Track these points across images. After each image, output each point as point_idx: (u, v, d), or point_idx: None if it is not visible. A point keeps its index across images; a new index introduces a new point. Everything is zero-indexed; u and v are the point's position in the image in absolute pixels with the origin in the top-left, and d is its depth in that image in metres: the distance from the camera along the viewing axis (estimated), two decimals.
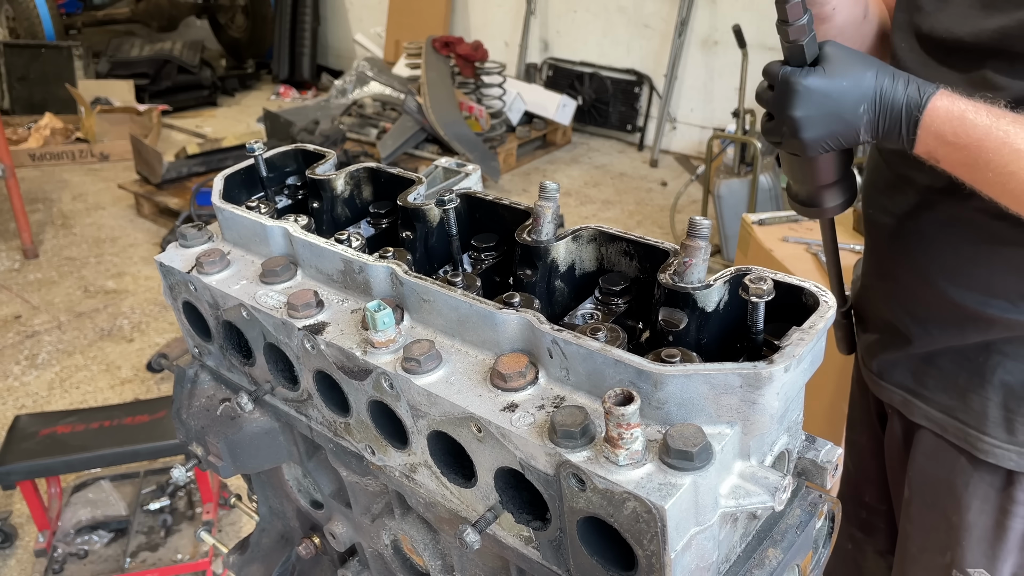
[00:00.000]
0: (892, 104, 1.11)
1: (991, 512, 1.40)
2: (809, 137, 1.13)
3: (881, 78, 1.11)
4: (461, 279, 0.92)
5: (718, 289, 0.81)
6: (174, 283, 1.13)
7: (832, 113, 1.11)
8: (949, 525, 1.45)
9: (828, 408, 2.52)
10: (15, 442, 2.71)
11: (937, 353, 1.40)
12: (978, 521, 1.41)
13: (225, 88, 8.68)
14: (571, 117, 6.99)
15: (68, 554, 2.86)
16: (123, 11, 9.70)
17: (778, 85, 1.14)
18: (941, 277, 1.34)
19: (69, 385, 3.99)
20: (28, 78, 7.52)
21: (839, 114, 1.11)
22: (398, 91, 6.64)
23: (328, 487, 1.20)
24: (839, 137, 1.14)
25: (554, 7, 7.30)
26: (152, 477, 3.16)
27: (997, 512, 1.40)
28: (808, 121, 1.12)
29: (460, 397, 0.81)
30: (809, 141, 1.14)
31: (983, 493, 1.39)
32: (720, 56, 6.45)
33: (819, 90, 1.11)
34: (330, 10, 8.91)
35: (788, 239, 2.85)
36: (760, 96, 1.20)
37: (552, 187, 0.94)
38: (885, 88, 1.11)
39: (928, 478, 1.47)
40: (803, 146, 1.15)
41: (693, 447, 0.68)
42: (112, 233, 5.59)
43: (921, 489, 1.49)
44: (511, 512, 0.83)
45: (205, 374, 1.23)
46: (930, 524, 1.49)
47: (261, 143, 1.16)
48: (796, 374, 0.74)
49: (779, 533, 0.86)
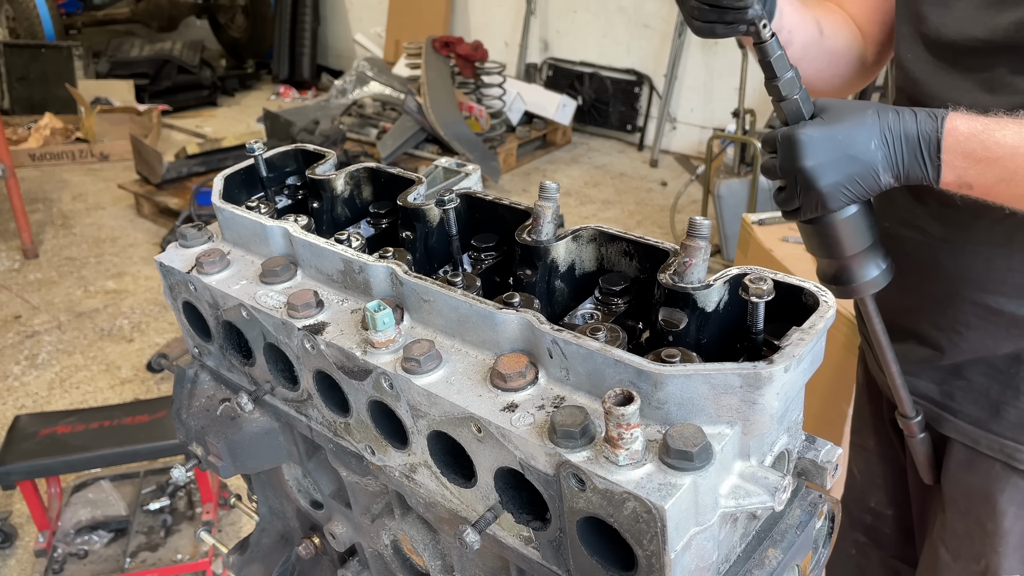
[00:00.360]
0: (906, 135, 1.06)
1: None
2: (827, 185, 1.07)
3: (884, 114, 1.07)
4: (461, 279, 0.92)
5: (718, 289, 0.81)
6: (174, 283, 1.13)
7: (844, 155, 1.06)
8: (984, 532, 1.42)
9: (828, 408, 2.52)
10: (15, 442, 2.71)
11: (965, 365, 1.37)
12: (1015, 528, 1.39)
13: (225, 88, 8.68)
14: (571, 117, 6.99)
15: (68, 554, 2.86)
16: (123, 11, 9.69)
17: (780, 145, 1.09)
18: (973, 285, 1.29)
19: (69, 385, 3.99)
20: (28, 78, 7.52)
21: (852, 155, 1.06)
22: (398, 91, 6.64)
23: (328, 487, 1.20)
24: (858, 180, 1.08)
25: (554, 7, 7.30)
26: (152, 477, 3.16)
27: None
28: (821, 169, 1.06)
29: (460, 397, 0.81)
30: (828, 189, 1.08)
31: (1020, 499, 1.37)
32: (720, 56, 6.45)
33: (825, 136, 1.06)
34: (330, 10, 8.90)
35: (788, 239, 2.85)
36: (765, 167, 1.15)
37: (552, 187, 0.94)
38: (892, 122, 1.07)
39: (961, 486, 1.44)
40: (823, 198, 1.08)
41: (693, 447, 0.68)
42: (112, 233, 5.59)
43: (954, 497, 1.46)
44: (511, 512, 0.83)
45: (205, 374, 1.23)
46: (964, 531, 1.46)
47: (261, 143, 1.16)
48: (796, 374, 0.74)
49: (779, 533, 0.86)
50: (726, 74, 6.43)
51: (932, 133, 1.05)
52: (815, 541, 0.92)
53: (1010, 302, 1.27)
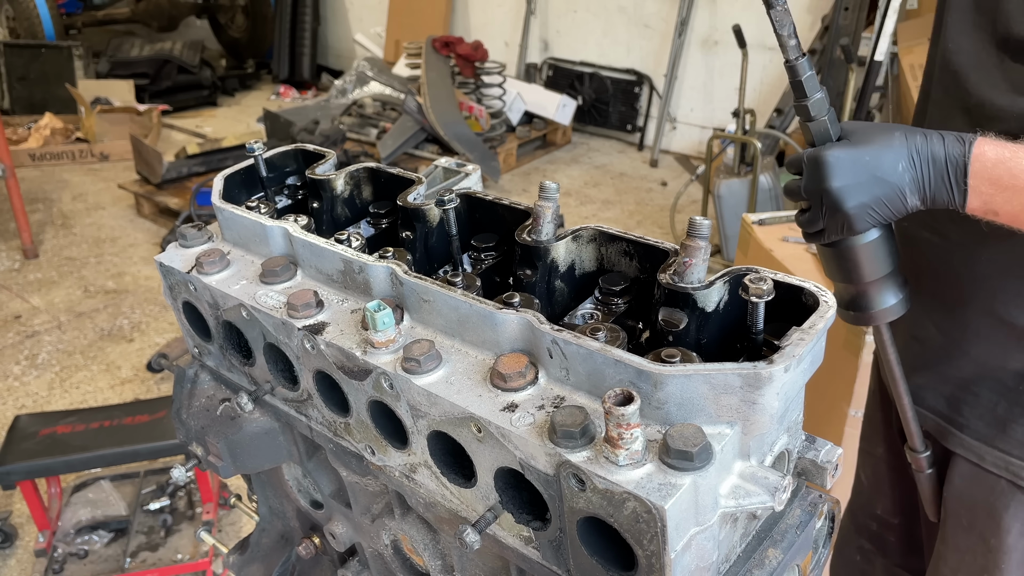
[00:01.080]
0: (933, 158, 1.05)
1: None
2: (853, 206, 1.06)
3: (912, 136, 1.06)
4: (461, 279, 0.92)
5: (718, 289, 0.81)
6: (174, 283, 1.13)
7: (872, 177, 1.05)
8: (988, 548, 1.41)
9: (828, 408, 2.52)
10: (15, 442, 2.71)
11: (973, 380, 1.36)
12: (1019, 544, 1.37)
13: (225, 88, 8.68)
14: (571, 117, 6.99)
15: (68, 554, 2.86)
16: (123, 11, 9.69)
17: (807, 165, 1.08)
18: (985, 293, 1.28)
19: (69, 385, 3.99)
20: (28, 78, 7.52)
21: (880, 176, 1.05)
22: (398, 91, 6.64)
23: (328, 487, 1.20)
24: (885, 202, 1.06)
25: (554, 7, 7.30)
26: (152, 477, 3.16)
27: None
28: (849, 190, 1.05)
29: (460, 397, 0.81)
30: (854, 211, 1.06)
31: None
32: (720, 56, 6.45)
33: (852, 157, 1.05)
34: (330, 10, 8.90)
35: (788, 239, 2.85)
36: (789, 189, 1.14)
37: (552, 187, 0.94)
38: (919, 145, 1.05)
39: (965, 500, 1.43)
40: (849, 220, 1.07)
41: (693, 447, 0.68)
42: (112, 233, 5.59)
43: (957, 511, 1.45)
44: (511, 512, 0.83)
45: (205, 374, 1.23)
46: (966, 546, 1.45)
47: (261, 143, 1.16)
48: (796, 374, 0.74)
49: (779, 533, 0.86)
50: (726, 74, 6.43)
51: (960, 158, 1.04)
52: (815, 541, 0.92)
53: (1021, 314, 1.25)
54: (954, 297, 1.34)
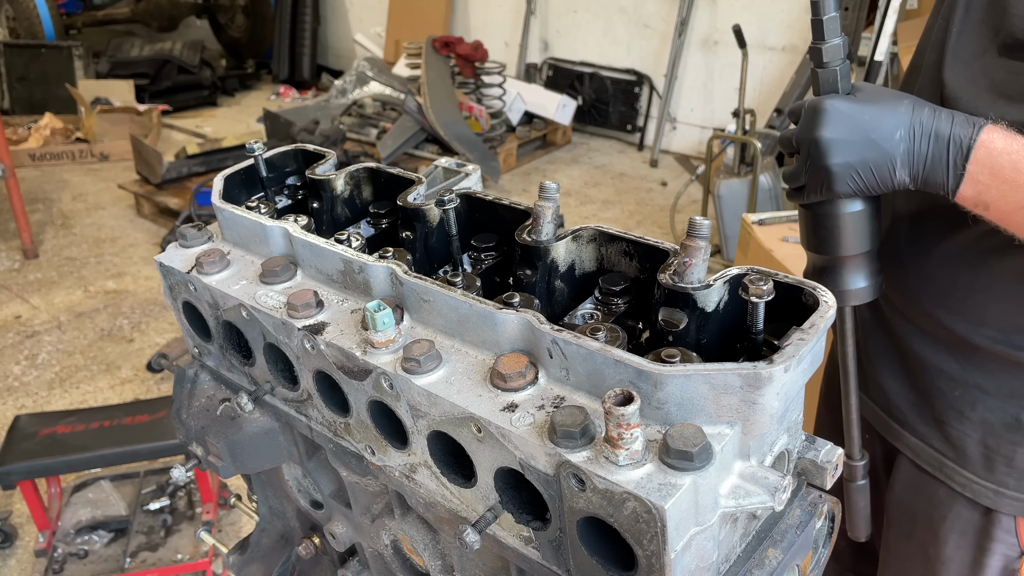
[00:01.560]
0: (937, 134, 0.99)
1: (969, 548, 1.34)
2: (837, 163, 1.01)
3: (920, 107, 1.01)
4: (461, 279, 0.92)
5: (718, 289, 0.81)
6: (174, 283, 1.13)
7: (866, 138, 0.99)
8: (927, 557, 1.40)
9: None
10: (15, 442, 2.71)
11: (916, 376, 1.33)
12: (955, 556, 1.36)
13: (225, 88, 8.68)
14: (571, 117, 6.99)
15: (68, 554, 2.86)
16: (123, 11, 9.70)
17: (805, 112, 1.04)
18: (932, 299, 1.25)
19: (69, 385, 3.99)
20: (28, 78, 7.52)
21: (873, 139, 0.99)
22: (398, 91, 6.64)
23: (328, 487, 1.20)
24: (871, 168, 1.01)
25: (554, 7, 7.30)
26: (152, 477, 3.16)
27: (975, 549, 1.34)
28: (837, 145, 1.00)
29: (460, 397, 0.81)
30: (837, 168, 1.01)
31: (961, 528, 1.33)
32: (720, 56, 6.46)
33: (851, 111, 1.00)
34: (330, 10, 8.91)
35: (788, 239, 2.85)
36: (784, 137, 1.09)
37: (552, 187, 0.94)
38: (925, 118, 1.00)
39: (906, 508, 1.41)
40: (830, 177, 1.02)
41: (693, 447, 0.68)
42: (112, 233, 5.59)
43: (899, 519, 1.44)
44: (511, 512, 0.83)
45: (205, 374, 1.23)
46: (906, 555, 1.45)
47: (261, 143, 1.16)
48: (796, 374, 0.74)
49: (779, 533, 0.86)
50: (726, 74, 6.43)
51: (965, 139, 0.98)
52: (815, 541, 0.92)
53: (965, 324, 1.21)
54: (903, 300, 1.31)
